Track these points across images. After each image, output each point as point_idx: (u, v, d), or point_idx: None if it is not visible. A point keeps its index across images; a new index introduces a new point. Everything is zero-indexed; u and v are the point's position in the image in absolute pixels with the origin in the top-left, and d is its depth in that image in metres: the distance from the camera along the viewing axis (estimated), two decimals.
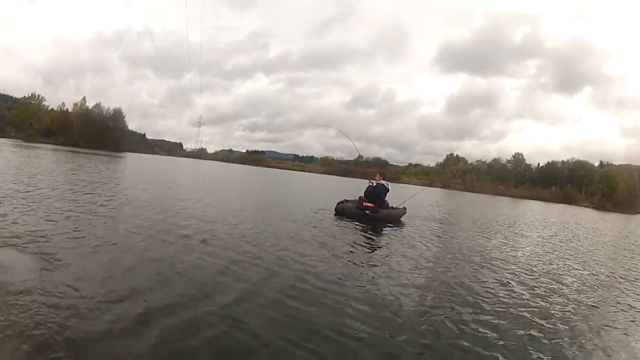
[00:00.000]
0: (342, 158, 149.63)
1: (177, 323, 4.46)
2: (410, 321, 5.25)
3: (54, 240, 7.02)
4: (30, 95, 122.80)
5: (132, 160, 58.05)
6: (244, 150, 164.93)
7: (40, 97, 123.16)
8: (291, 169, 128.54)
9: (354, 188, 16.14)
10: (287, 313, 5.06)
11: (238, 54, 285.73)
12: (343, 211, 15.15)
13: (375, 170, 17.44)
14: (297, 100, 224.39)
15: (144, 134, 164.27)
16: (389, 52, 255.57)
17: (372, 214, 14.72)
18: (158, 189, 18.81)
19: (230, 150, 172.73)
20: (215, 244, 8.24)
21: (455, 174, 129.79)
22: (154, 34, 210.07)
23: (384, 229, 13.32)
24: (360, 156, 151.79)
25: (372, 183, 15.31)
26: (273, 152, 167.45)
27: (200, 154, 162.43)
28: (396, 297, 6.10)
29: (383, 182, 15.21)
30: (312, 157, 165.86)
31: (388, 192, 15.33)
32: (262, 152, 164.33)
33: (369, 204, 14.78)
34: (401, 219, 15.53)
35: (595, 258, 12.61)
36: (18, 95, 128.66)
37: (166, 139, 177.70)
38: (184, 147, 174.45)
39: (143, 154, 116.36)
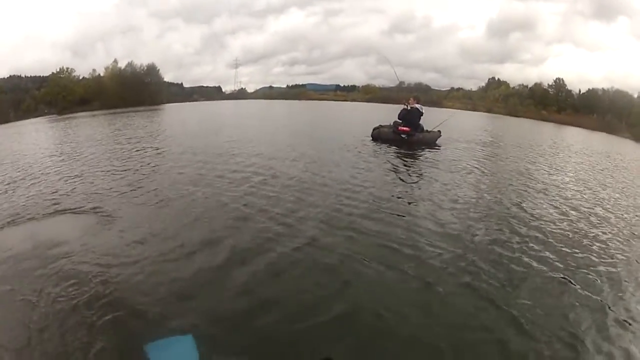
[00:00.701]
0: (384, 85, 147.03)
1: (255, 271, 4.61)
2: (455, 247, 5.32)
3: (120, 200, 7.33)
4: (58, 70, 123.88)
5: (171, 110, 58.47)
6: (284, 86, 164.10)
7: (69, 70, 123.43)
8: (333, 100, 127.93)
9: (394, 113, 16.12)
10: (362, 240, 5.40)
11: None
12: (379, 136, 15.46)
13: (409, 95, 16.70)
14: (334, 32, 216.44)
15: (181, 84, 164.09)
16: None
17: (407, 138, 14.92)
18: (204, 135, 18.58)
19: (271, 87, 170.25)
20: (274, 183, 8.37)
21: (498, 98, 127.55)
22: None
23: (421, 152, 13.52)
24: (401, 82, 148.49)
25: (407, 106, 15.19)
26: (314, 84, 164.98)
27: (240, 95, 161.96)
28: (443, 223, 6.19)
29: (417, 105, 15.11)
30: (354, 86, 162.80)
31: (422, 115, 15.24)
32: (302, 85, 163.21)
33: (404, 128, 14.97)
34: (437, 142, 15.49)
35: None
36: (47, 74, 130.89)
37: (204, 85, 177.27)
38: (223, 90, 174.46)
39: (182, 103, 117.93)
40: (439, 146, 14.96)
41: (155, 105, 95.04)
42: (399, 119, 15.26)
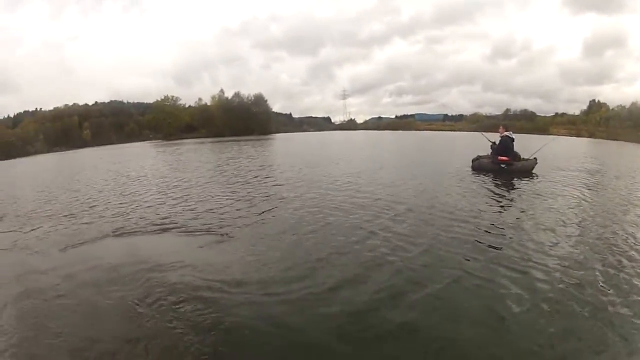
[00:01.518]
0: (490, 113, 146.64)
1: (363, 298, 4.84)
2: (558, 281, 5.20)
3: (235, 224, 8.19)
4: (163, 97, 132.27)
5: (281, 140, 61.51)
6: (393, 116, 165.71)
7: (174, 98, 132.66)
8: (441, 130, 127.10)
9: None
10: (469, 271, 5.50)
11: (371, 22, 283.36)
12: (480, 167, 15.92)
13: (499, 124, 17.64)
14: (438, 59, 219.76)
15: (290, 114, 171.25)
16: None
17: (507, 167, 15.19)
18: (317, 164, 19.88)
19: (379, 118, 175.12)
20: (391, 211, 8.88)
21: (600, 122, 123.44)
22: (281, 18, 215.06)
23: (518, 181, 13.62)
24: (507, 110, 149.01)
25: (496, 141, 15.65)
26: (422, 114, 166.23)
27: (349, 125, 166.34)
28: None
29: (506, 133, 15.46)
30: (461, 116, 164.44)
31: (514, 141, 15.52)
32: (411, 115, 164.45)
33: (503, 158, 15.24)
34: (533, 170, 15.53)
35: None
36: (149, 100, 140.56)
37: (313, 115, 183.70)
38: (332, 121, 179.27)
39: (292, 133, 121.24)
40: (536, 174, 15.05)
41: (264, 135, 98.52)
42: (492, 149, 15.71)
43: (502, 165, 15.29)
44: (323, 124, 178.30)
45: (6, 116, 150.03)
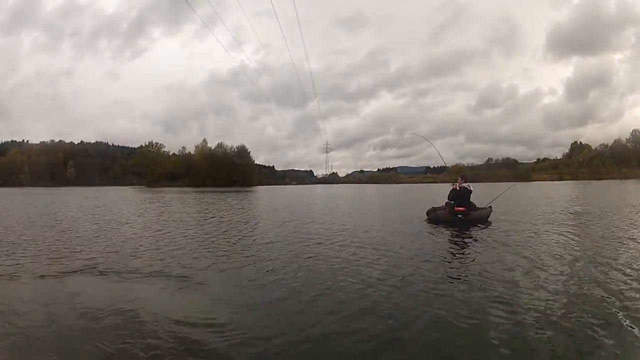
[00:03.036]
0: (473, 163, 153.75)
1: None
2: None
3: (208, 270, 8.65)
4: (147, 143, 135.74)
5: (263, 193, 63.36)
6: (376, 169, 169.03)
7: (158, 145, 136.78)
8: (422, 182, 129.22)
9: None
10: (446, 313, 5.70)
11: (359, 75, 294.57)
12: (436, 218, 16.39)
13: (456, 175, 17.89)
14: (424, 112, 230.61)
15: (273, 166, 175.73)
16: (503, 46, 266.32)
17: (463, 217, 15.70)
18: (286, 216, 21.28)
19: (362, 171, 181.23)
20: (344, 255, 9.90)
21: (582, 163, 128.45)
22: (271, 69, 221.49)
23: (475, 231, 14.04)
24: (489, 159, 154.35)
25: (456, 187, 16.18)
26: (404, 167, 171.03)
27: (331, 179, 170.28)
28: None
29: (465, 184, 16.13)
30: (443, 167, 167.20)
31: (471, 193, 16.20)
32: (393, 168, 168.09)
33: (460, 208, 15.81)
34: (488, 218, 16.24)
35: None
36: (135, 145, 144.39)
37: (296, 169, 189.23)
38: (315, 174, 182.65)
39: (274, 186, 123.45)
40: (490, 222, 15.70)
41: (247, 187, 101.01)
42: (449, 199, 16.21)
43: (459, 216, 15.69)
44: (305, 177, 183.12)
45: None
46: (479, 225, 15.12)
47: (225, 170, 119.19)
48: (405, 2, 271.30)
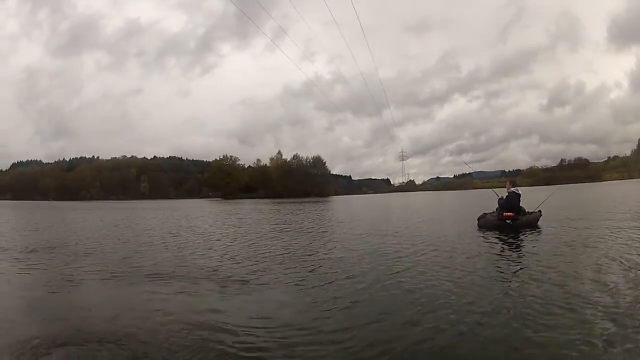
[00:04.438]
0: (546, 165, 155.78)
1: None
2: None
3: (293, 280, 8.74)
4: (222, 156, 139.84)
5: (335, 203, 64.08)
6: (452, 175, 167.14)
7: (232, 158, 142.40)
8: (497, 187, 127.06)
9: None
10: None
11: (431, 80, 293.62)
12: (485, 224, 16.41)
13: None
14: (497, 114, 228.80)
15: (349, 176, 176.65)
16: (567, 41, 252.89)
17: (512, 223, 15.76)
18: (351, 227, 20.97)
19: (437, 178, 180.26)
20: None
21: None
22: (344, 79, 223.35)
23: (526, 235, 14.08)
24: (562, 160, 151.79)
25: (503, 195, 16.42)
26: (480, 172, 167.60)
27: (408, 187, 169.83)
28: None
29: (513, 189, 16.23)
30: (518, 171, 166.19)
31: (520, 197, 16.20)
32: (469, 174, 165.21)
33: (508, 214, 15.85)
34: (538, 222, 16.28)
35: None
36: (209, 159, 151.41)
37: (373, 177, 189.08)
38: (392, 182, 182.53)
39: (350, 195, 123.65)
40: (540, 227, 15.68)
41: (323, 197, 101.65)
42: (499, 205, 16.37)
43: (508, 221, 15.74)
44: (382, 185, 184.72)
45: (62, 159, 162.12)
46: (529, 229, 15.17)
47: (300, 181, 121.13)
48: (469, 3, 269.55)
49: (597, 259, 9.23)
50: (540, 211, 16.65)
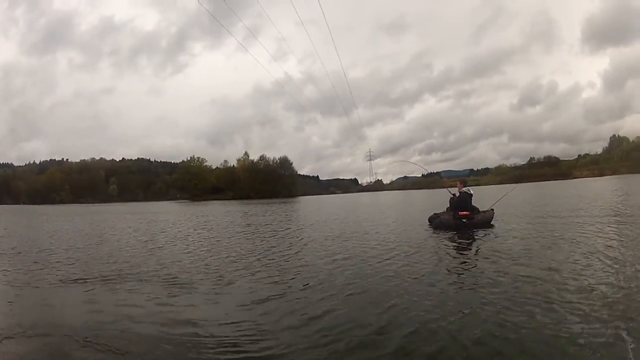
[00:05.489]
0: (515, 163, 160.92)
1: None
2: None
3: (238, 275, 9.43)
4: (189, 158, 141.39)
5: (305, 202, 66.52)
6: (420, 175, 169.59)
7: (200, 159, 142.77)
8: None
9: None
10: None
11: (403, 80, 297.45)
12: (440, 224, 16.79)
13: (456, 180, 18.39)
14: (467, 113, 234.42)
15: (317, 176, 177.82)
16: (541, 42, 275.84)
17: (467, 221, 16.25)
18: (314, 225, 22.47)
19: (405, 177, 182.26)
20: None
21: (622, 157, 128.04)
22: (315, 79, 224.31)
23: (478, 233, 14.66)
24: (531, 158, 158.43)
25: (456, 193, 16.98)
26: (448, 170, 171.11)
27: (376, 186, 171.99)
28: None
29: (464, 189, 16.81)
30: (487, 169, 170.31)
31: (472, 196, 16.80)
32: (437, 173, 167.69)
33: (464, 212, 16.35)
34: (492, 221, 16.99)
35: None
36: (177, 160, 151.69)
37: (342, 177, 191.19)
38: (360, 182, 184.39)
39: (318, 195, 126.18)
40: (494, 225, 16.39)
41: (290, 197, 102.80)
42: (450, 204, 16.96)
43: (463, 220, 16.17)
44: (350, 185, 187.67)
45: (32, 162, 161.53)
46: (482, 228, 15.79)
47: (268, 182, 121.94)
48: (446, 3, 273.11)
49: (552, 255, 9.85)
50: (492, 210, 17.37)
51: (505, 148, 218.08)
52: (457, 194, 16.84)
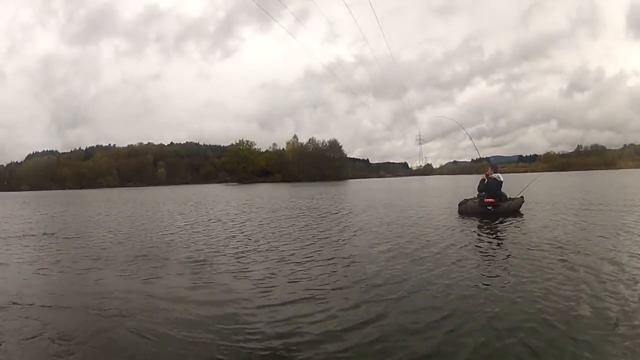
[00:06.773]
0: (564, 151, 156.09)
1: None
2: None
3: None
4: (238, 141, 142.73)
5: (354, 185, 68.03)
6: (469, 160, 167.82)
7: (249, 142, 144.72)
8: (514, 172, 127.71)
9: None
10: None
11: (454, 63, 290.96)
12: (466, 210, 16.96)
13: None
14: (517, 98, 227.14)
15: (367, 159, 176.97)
16: (587, 27, 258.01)
17: (493, 209, 16.18)
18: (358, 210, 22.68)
19: (455, 162, 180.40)
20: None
21: None
22: (366, 62, 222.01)
23: (508, 221, 14.56)
24: (579, 146, 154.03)
25: (485, 178, 16.75)
26: (498, 156, 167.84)
27: (425, 170, 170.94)
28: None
29: (494, 175, 16.57)
30: (535, 156, 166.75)
31: (502, 183, 16.65)
32: (486, 158, 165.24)
33: (489, 200, 16.30)
34: (520, 209, 16.82)
35: None
36: (226, 144, 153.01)
37: (392, 161, 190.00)
38: (409, 166, 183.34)
39: (367, 179, 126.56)
40: (522, 213, 16.31)
41: (339, 181, 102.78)
42: (479, 191, 16.83)
43: (489, 207, 16.16)
44: (399, 169, 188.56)
45: (78, 148, 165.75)
46: (511, 216, 15.63)
47: (317, 165, 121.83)
48: None
49: (577, 247, 9.44)
50: (522, 197, 17.21)
51: (554, 135, 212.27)
52: (485, 180, 16.67)
